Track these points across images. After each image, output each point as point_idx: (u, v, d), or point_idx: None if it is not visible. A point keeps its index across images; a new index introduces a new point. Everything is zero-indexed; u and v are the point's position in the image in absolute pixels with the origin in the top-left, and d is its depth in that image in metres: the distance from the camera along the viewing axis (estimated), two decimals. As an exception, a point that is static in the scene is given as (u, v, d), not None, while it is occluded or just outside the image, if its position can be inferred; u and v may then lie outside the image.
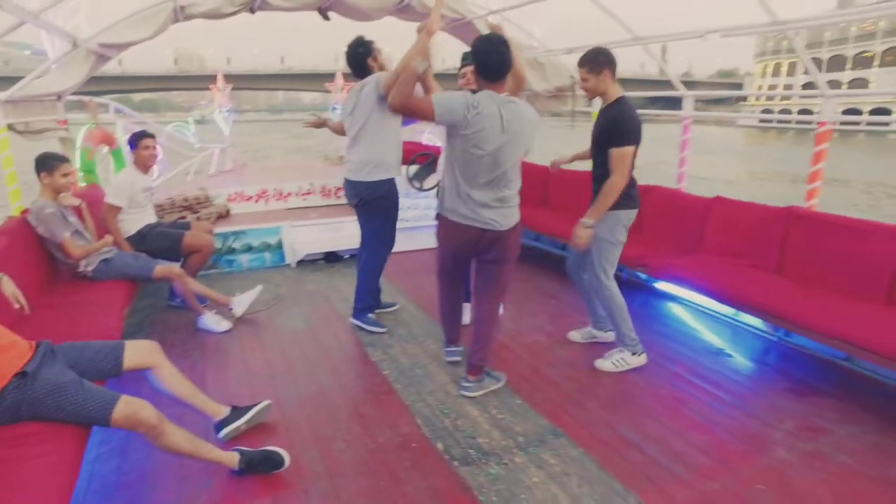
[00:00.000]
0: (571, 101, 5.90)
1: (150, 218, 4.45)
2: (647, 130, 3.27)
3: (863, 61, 57.52)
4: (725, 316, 4.04)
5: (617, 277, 3.32)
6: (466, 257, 3.04)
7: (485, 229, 2.79)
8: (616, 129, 2.98)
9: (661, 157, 28.26)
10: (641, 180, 3.35)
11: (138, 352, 2.47)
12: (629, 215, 3.17)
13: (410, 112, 2.69)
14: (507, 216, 2.81)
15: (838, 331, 2.82)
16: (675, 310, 4.25)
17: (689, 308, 4.24)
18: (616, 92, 3.04)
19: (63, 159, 3.75)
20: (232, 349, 3.68)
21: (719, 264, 3.73)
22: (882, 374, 3.09)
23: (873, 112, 44.77)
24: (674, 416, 2.77)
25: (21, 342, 2.17)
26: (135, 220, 4.28)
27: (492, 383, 3.05)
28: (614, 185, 2.99)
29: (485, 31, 5.54)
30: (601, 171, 3.11)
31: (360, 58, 3.68)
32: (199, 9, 4.70)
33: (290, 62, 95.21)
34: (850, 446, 2.50)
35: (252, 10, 5.09)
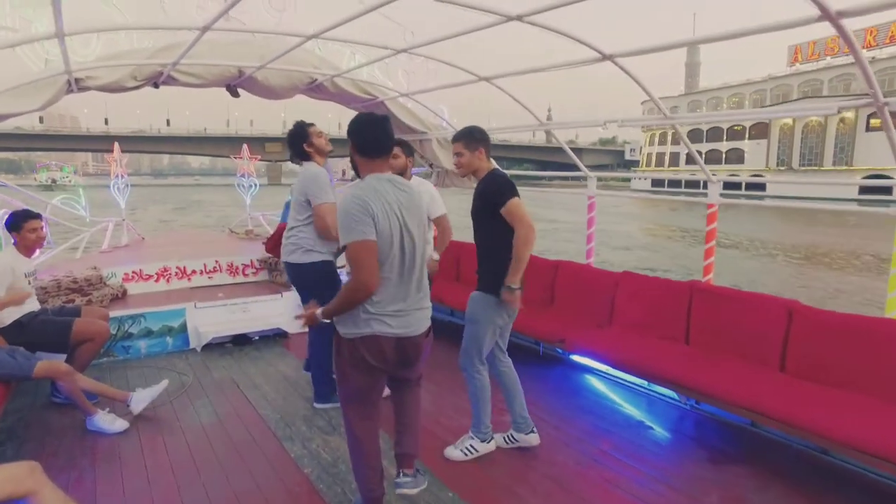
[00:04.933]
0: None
1: (32, 305, 3.99)
2: (535, 195, 3.43)
3: (735, 134, 66.69)
4: (641, 386, 4.20)
5: (534, 352, 3.35)
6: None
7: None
8: (496, 190, 2.95)
9: (554, 216, 30.70)
10: (543, 244, 3.47)
11: (12, 478, 2.11)
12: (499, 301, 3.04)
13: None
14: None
15: (742, 399, 3.05)
16: (594, 382, 4.36)
17: (606, 380, 4.37)
18: (488, 167, 3.10)
19: None
20: (129, 453, 3.27)
21: (630, 337, 3.92)
22: (784, 438, 3.30)
23: (749, 185, 51.61)
24: (607, 499, 2.78)
25: None
26: (12, 309, 3.80)
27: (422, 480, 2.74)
28: (526, 238, 2.86)
29: (397, 111, 5.72)
30: (487, 244, 3.09)
31: (297, 145, 3.75)
32: (97, 82, 4.47)
33: (176, 124, 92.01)
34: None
35: (156, 85, 4.92)
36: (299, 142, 3.72)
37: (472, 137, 3.07)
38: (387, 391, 2.63)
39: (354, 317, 2.31)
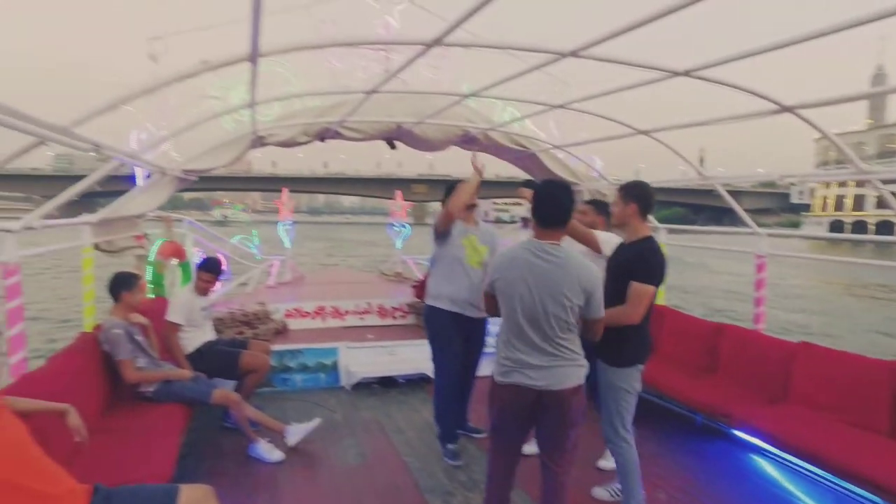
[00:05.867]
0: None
1: (209, 335, 4.50)
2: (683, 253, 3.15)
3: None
4: (826, 479, 3.59)
5: (689, 421, 3.05)
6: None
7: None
8: (642, 264, 2.88)
9: (700, 259, 26.74)
10: (689, 306, 3.18)
11: (192, 500, 2.35)
12: (638, 371, 3.00)
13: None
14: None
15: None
16: (764, 467, 3.83)
17: (781, 466, 3.80)
18: (644, 230, 2.99)
19: (139, 277, 3.92)
20: (284, 484, 3.50)
21: (813, 420, 3.41)
22: None
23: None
24: None
25: (77, 490, 2.10)
26: (193, 339, 4.34)
27: None
28: (624, 315, 2.83)
29: (548, 162, 5.70)
30: (613, 305, 2.93)
31: (445, 202, 3.90)
32: (276, 139, 5.02)
33: (332, 166, 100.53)
34: None
35: (323, 139, 5.40)
36: (446, 199, 3.86)
37: (627, 191, 3.01)
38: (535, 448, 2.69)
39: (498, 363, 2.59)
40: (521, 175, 5.90)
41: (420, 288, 6.46)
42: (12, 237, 3.23)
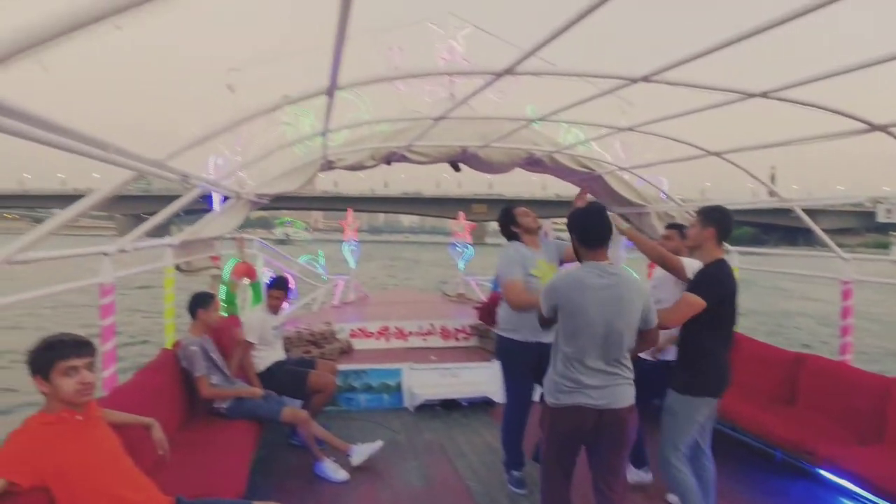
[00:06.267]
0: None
1: (279, 355, 4.64)
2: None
3: None
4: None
5: (767, 457, 2.89)
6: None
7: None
8: (701, 277, 2.90)
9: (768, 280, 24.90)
10: (765, 336, 3.04)
11: None
12: (706, 403, 2.90)
13: None
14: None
15: None
16: (853, 510, 3.56)
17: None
18: (718, 253, 2.96)
19: (214, 297, 4.15)
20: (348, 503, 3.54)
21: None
22: None
23: None
24: None
25: (162, 501, 2.23)
26: (265, 357, 4.50)
27: None
28: (661, 317, 2.75)
29: (614, 184, 5.61)
30: (686, 337, 2.96)
31: (506, 228, 3.89)
32: (344, 163, 5.18)
33: (393, 186, 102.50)
34: None
35: (389, 163, 5.53)
36: (508, 224, 3.85)
37: (707, 215, 3.01)
38: None
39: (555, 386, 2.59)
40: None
41: (484, 311, 6.44)
42: (108, 259, 3.47)
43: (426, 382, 5.45)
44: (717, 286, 2.84)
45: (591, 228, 2.60)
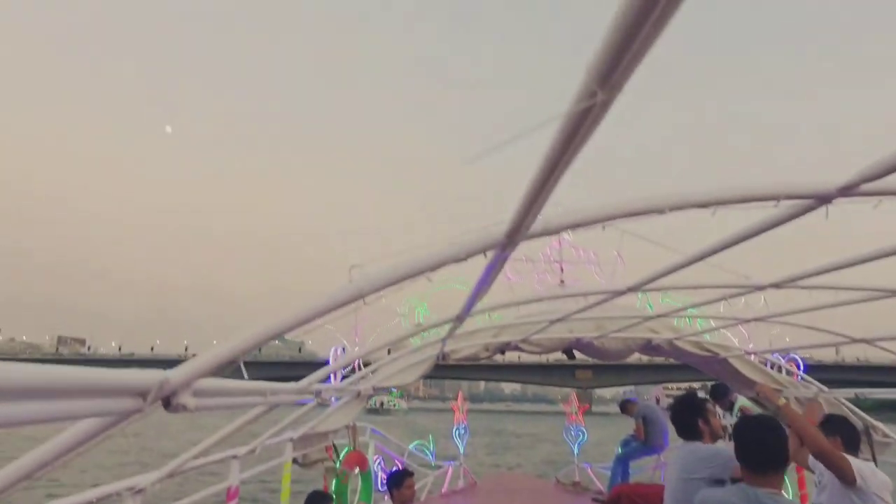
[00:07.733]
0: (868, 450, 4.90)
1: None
2: None
3: None
4: None
5: None
6: None
7: None
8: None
9: None
10: None
11: None
12: None
13: None
14: None
15: None
16: None
17: None
18: None
19: (330, 499, 4.10)
20: None
21: None
22: None
23: None
24: None
25: None
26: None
27: None
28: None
29: (740, 366, 5.20)
30: None
31: (689, 419, 3.08)
32: (458, 355, 5.24)
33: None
34: None
35: (503, 353, 5.52)
36: (692, 416, 3.06)
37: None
38: None
39: None
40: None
41: None
42: (236, 462, 3.56)
43: None
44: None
45: (747, 448, 2.21)
